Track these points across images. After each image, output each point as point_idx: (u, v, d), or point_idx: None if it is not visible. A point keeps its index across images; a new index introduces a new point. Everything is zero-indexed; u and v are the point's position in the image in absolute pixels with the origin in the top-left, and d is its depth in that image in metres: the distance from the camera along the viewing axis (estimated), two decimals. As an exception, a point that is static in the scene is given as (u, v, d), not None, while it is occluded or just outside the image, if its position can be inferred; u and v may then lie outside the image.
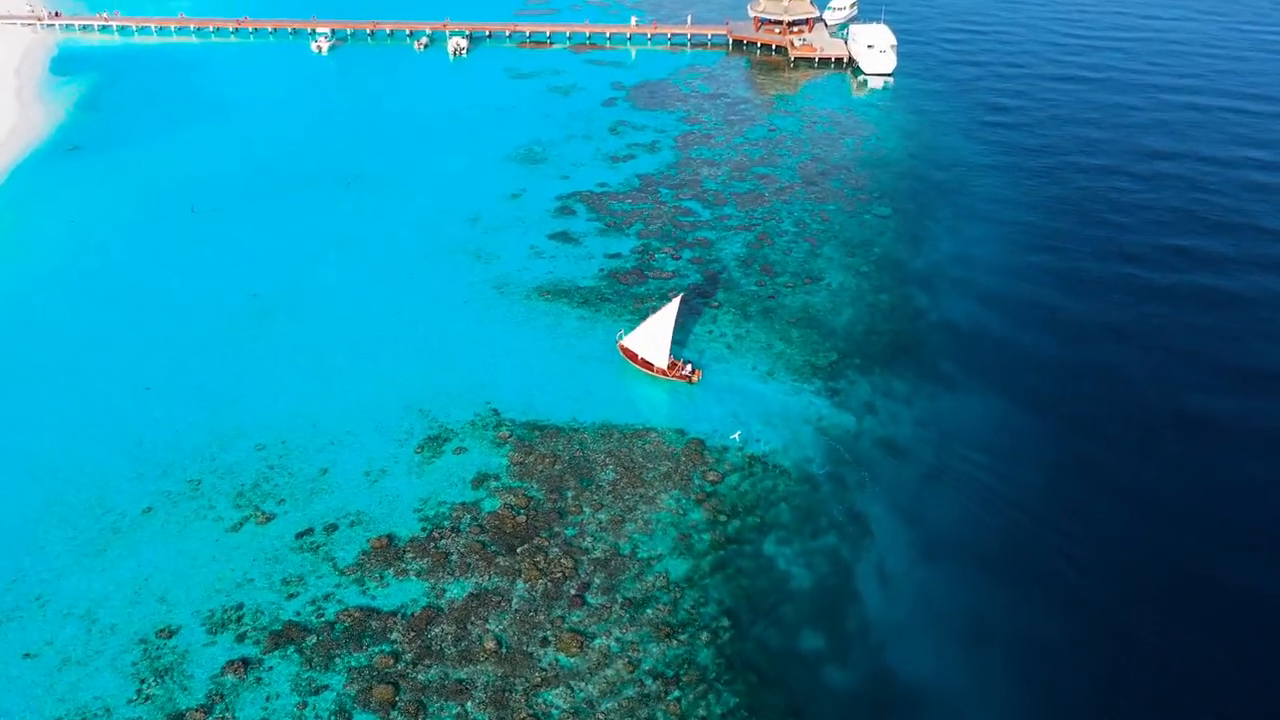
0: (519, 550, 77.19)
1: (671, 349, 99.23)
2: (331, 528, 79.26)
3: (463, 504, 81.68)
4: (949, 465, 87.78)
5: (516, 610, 72.25)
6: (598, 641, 70.09)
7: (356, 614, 71.56)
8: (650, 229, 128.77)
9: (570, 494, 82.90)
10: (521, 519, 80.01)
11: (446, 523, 79.68)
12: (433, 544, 77.54)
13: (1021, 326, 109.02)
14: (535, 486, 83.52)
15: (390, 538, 78.07)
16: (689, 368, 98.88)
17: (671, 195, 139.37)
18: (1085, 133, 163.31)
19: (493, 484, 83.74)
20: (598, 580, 74.96)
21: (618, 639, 70.27)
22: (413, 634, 70.06)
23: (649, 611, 72.53)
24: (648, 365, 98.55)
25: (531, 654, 68.90)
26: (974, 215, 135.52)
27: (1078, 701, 67.30)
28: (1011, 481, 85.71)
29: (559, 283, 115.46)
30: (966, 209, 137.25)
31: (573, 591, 73.84)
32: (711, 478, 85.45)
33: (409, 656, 68.47)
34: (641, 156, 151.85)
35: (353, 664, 68.02)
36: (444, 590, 73.65)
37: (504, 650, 69.08)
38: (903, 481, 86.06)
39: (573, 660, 68.43)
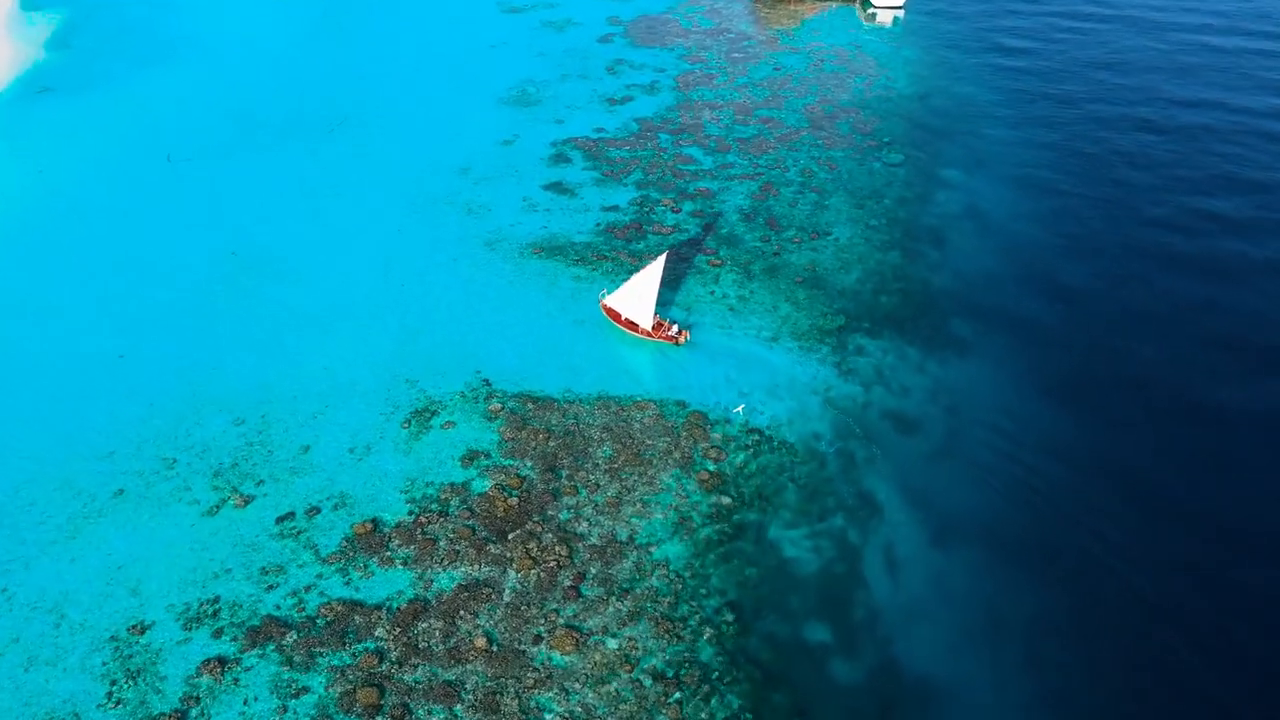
0: (510, 536, 73.33)
1: (670, 311, 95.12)
2: (313, 511, 75.23)
3: (451, 485, 77.63)
4: (961, 439, 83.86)
5: (508, 603, 68.65)
6: (594, 638, 66.50)
7: (339, 607, 67.87)
8: (649, 179, 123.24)
9: (564, 473, 78.92)
10: (513, 501, 75.99)
11: (434, 506, 75.67)
12: (420, 529, 73.61)
13: (1037, 287, 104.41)
14: (528, 465, 79.44)
15: (375, 522, 74.08)
16: (675, 328, 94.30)
17: (671, 141, 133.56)
18: (1105, 77, 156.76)
19: (483, 462, 79.55)
20: (593, 570, 71.20)
21: (614, 635, 66.71)
22: (399, 630, 66.48)
23: (648, 604, 68.81)
24: (632, 326, 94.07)
25: (524, 652, 65.42)
26: (987, 163, 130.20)
27: (1094, 694, 64.43)
28: (1027, 455, 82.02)
29: (554, 238, 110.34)
30: (979, 156, 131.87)
31: (567, 582, 70.10)
32: (714, 455, 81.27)
33: (395, 655, 64.95)
34: (640, 98, 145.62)
35: (335, 663, 64.57)
36: (431, 581, 69.94)
37: (495, 648, 65.59)
38: (913, 457, 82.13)
39: (567, 659, 64.95)
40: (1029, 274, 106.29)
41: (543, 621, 67.18)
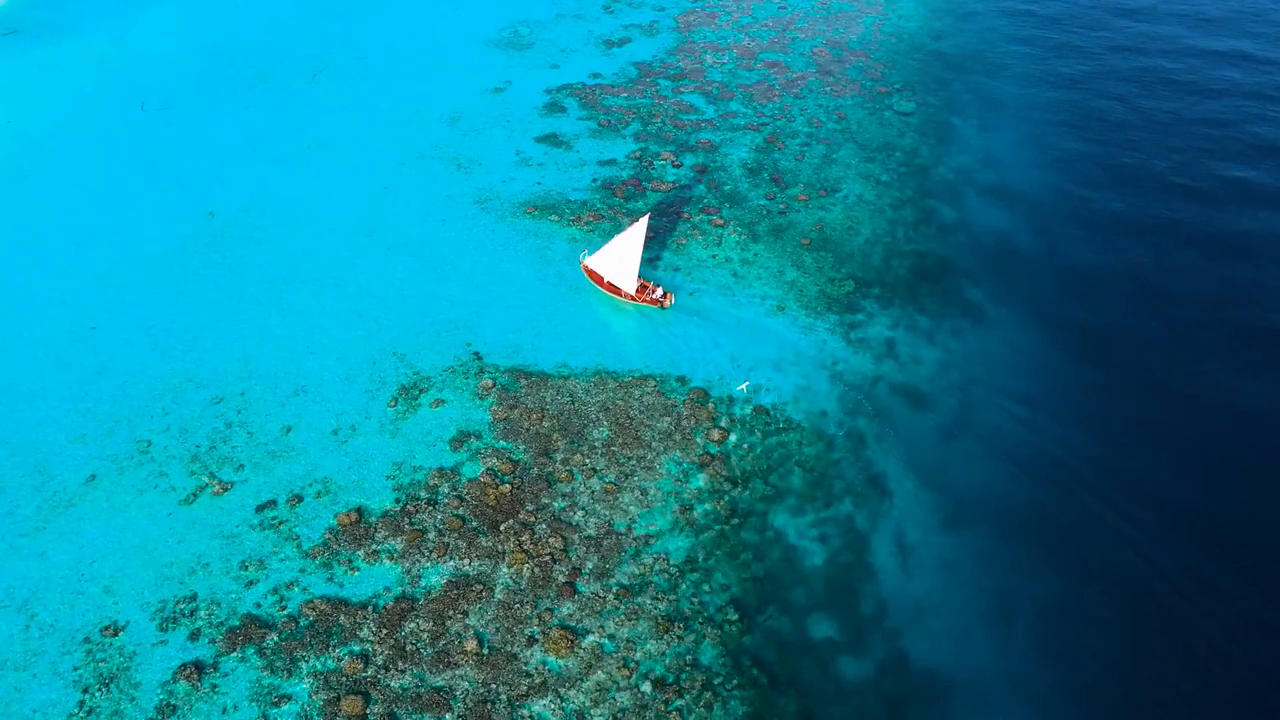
0: (503, 528, 69.95)
1: (672, 277, 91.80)
2: (296, 499, 71.69)
3: (440, 469, 74.06)
4: (975, 413, 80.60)
5: (500, 602, 65.47)
6: (589, 639, 63.42)
7: (323, 606, 64.69)
8: (648, 130, 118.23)
9: (559, 457, 75.13)
10: (505, 488, 72.51)
11: (422, 493, 72.17)
12: (407, 519, 70.21)
13: (1053, 246, 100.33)
14: (520, 447, 75.73)
15: (360, 512, 70.61)
16: (659, 291, 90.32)
17: (672, 88, 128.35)
18: (1125, 24, 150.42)
19: (474, 444, 75.93)
20: (590, 564, 67.81)
21: (612, 636, 63.62)
22: (385, 631, 63.39)
23: (647, 602, 65.62)
24: (614, 289, 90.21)
25: (516, 655, 62.37)
26: (1003, 111, 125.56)
27: (1119, 683, 62.26)
28: (1044, 429, 78.82)
29: (548, 196, 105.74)
30: (994, 103, 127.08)
31: (562, 579, 66.76)
32: (716, 436, 77.62)
33: (381, 659, 61.92)
34: (639, 41, 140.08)
35: (318, 668, 61.63)
36: (419, 576, 66.73)
37: (486, 651, 62.58)
38: (925, 434, 78.83)
39: (562, 662, 61.88)
40: (1045, 238, 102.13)
41: (536, 622, 64.10)
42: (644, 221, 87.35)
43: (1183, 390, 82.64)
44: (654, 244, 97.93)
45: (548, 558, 67.63)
